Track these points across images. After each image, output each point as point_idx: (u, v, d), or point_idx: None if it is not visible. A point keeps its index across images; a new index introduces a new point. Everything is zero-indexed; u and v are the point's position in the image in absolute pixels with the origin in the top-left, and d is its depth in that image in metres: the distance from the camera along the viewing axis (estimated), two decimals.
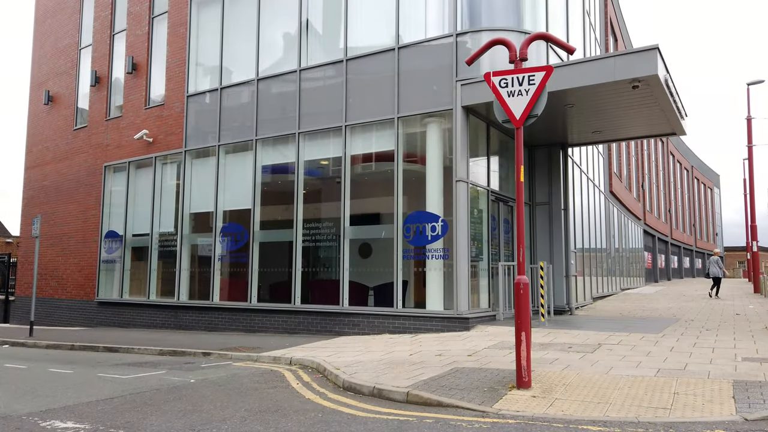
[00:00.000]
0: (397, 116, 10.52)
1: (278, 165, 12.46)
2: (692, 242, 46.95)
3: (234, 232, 12.68)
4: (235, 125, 12.88)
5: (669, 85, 9.13)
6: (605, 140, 13.36)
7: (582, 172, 15.20)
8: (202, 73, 13.89)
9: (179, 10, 14.34)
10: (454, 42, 10.08)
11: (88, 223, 16.14)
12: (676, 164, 41.10)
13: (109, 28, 16.40)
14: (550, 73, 5.20)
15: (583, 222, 15.11)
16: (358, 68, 11.14)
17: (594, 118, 10.94)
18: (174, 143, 14.05)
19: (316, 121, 11.57)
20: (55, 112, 17.98)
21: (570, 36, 12.99)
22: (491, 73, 5.44)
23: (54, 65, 18.27)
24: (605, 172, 19.49)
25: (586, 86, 8.85)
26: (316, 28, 12.13)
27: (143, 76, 15.14)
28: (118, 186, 15.62)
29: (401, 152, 10.55)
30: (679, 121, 10.47)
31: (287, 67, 12.16)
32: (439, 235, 9.91)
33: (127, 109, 15.45)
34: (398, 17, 10.76)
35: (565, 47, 5.66)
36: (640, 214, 28.25)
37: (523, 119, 5.29)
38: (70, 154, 17.12)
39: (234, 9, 13.39)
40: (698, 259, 50.06)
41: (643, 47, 8.39)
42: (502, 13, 10.52)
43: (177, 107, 14.06)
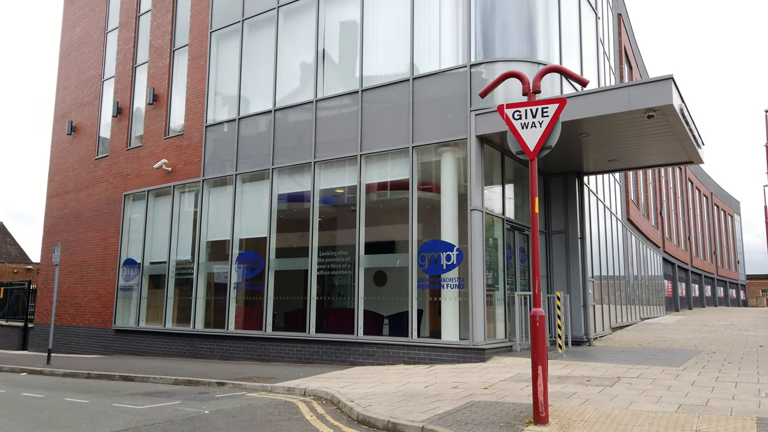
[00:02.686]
0: (411, 145, 10.60)
1: (294, 193, 12.57)
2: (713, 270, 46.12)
3: (250, 260, 12.75)
4: (253, 154, 13.06)
5: (685, 114, 9.11)
6: (621, 169, 13.30)
7: (598, 200, 15.10)
8: (221, 103, 14.16)
9: (199, 43, 14.70)
10: (468, 72, 10.18)
11: (107, 251, 16.35)
12: (694, 191, 40.65)
13: (131, 61, 16.85)
14: (563, 106, 5.23)
15: (600, 250, 14.95)
16: (374, 98, 11.28)
17: (609, 147, 10.92)
18: (192, 172, 14.26)
19: (331, 150, 11.69)
20: (77, 142, 18.40)
21: (584, 64, 13.06)
22: (505, 105, 5.48)
23: (77, 96, 18.76)
24: (622, 200, 19.34)
25: (600, 116, 8.86)
26: (332, 58, 12.35)
27: (163, 107, 15.47)
28: (137, 214, 15.84)
29: (416, 180, 10.60)
30: (696, 150, 10.40)
31: (304, 97, 12.36)
32: (454, 264, 9.87)
33: (147, 138, 15.76)
34: (413, 48, 10.92)
35: (578, 80, 5.69)
36: (659, 241, 27.88)
37: (537, 151, 5.30)
38: (91, 183, 17.45)
39: (252, 41, 13.70)
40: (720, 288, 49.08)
41: (658, 77, 8.41)
42: (516, 43, 10.63)
43: (196, 137, 14.31)
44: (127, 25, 17.20)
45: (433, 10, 10.95)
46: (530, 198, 5.28)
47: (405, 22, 11.07)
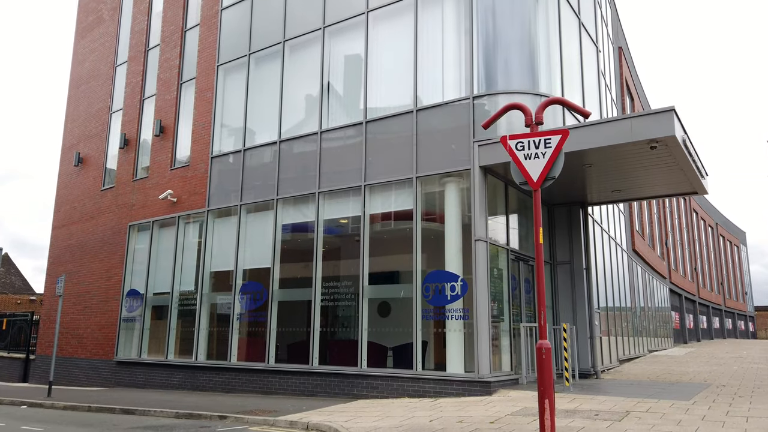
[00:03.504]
0: (415, 176, 10.65)
1: (298, 224, 12.59)
2: (721, 301, 45.63)
3: (253, 291, 12.70)
4: (257, 184, 13.14)
5: (687, 145, 9.15)
6: (626, 199, 13.31)
7: (603, 230, 15.07)
8: (227, 135, 14.32)
9: (207, 76, 14.95)
10: (471, 104, 10.29)
11: (111, 282, 16.33)
12: (699, 221, 40.54)
13: (139, 94, 17.12)
14: (566, 137, 5.27)
15: (606, 281, 14.85)
16: (378, 129, 11.39)
17: (613, 178, 10.94)
18: (197, 203, 14.34)
19: (336, 181, 11.75)
20: (84, 173, 18.57)
21: (586, 96, 13.19)
22: (507, 136, 5.53)
23: (86, 128, 19.01)
24: (627, 231, 19.29)
25: (603, 147, 8.90)
26: (337, 90, 12.52)
27: (170, 139, 15.65)
28: (141, 245, 15.87)
29: (420, 211, 10.61)
30: (700, 180, 10.41)
31: (309, 128, 12.49)
32: (458, 294, 9.80)
33: (154, 170, 15.90)
34: (416, 80, 11.07)
35: (580, 112, 5.74)
36: (665, 272, 27.68)
37: (540, 182, 5.32)
38: (96, 214, 17.54)
39: (259, 74, 13.92)
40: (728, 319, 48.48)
41: (660, 109, 8.48)
42: (518, 76, 10.76)
43: (201, 168, 14.43)
44: (136, 59, 17.54)
45: (436, 44, 11.14)
46: (534, 229, 5.28)
47: (408, 56, 11.25)
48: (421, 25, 11.24)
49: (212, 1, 15.31)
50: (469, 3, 10.70)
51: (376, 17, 11.94)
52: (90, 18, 20.16)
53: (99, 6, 19.82)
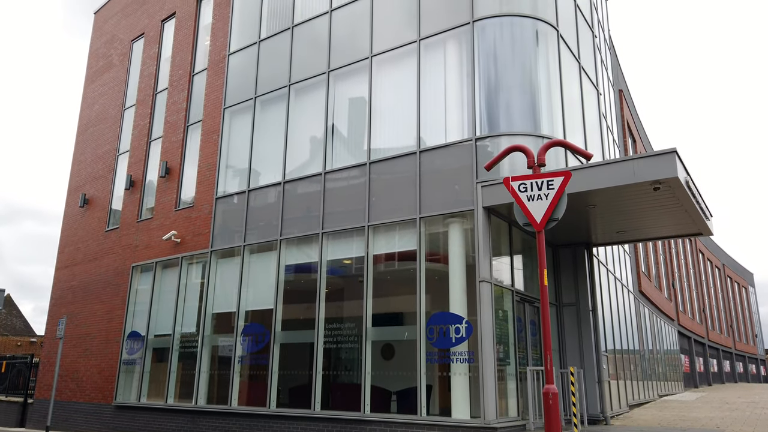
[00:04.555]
0: (419, 216, 10.65)
1: (301, 264, 12.54)
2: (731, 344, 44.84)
3: (255, 333, 12.56)
4: (261, 224, 13.16)
5: (690, 186, 9.15)
6: (631, 240, 13.24)
7: (609, 271, 14.94)
8: (232, 176, 14.43)
9: (213, 119, 15.18)
10: (474, 145, 10.37)
11: (112, 324, 16.19)
12: (706, 262, 40.24)
13: (146, 136, 17.37)
14: (568, 179, 5.28)
15: (613, 323, 14.63)
16: (381, 170, 11.46)
17: (617, 219, 10.92)
18: (201, 244, 14.33)
19: (339, 221, 11.76)
20: (89, 214, 18.67)
21: (587, 137, 13.30)
22: (510, 178, 5.54)
23: (92, 170, 19.22)
24: (633, 272, 19.12)
25: (606, 188, 8.91)
26: (341, 132, 12.66)
27: (175, 180, 15.78)
28: (144, 285, 15.80)
29: (423, 251, 10.57)
30: (705, 222, 10.37)
31: (313, 169, 12.58)
32: (463, 337, 9.65)
33: (158, 211, 15.97)
34: (419, 122, 11.19)
35: (582, 154, 5.77)
36: (673, 314, 27.31)
37: (543, 223, 5.30)
38: (100, 255, 17.54)
39: (264, 116, 14.13)
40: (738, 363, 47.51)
41: (662, 150, 8.51)
42: (520, 118, 10.88)
43: (206, 209, 14.49)
44: (144, 102, 17.86)
45: (439, 87, 11.31)
46: (539, 270, 5.22)
47: (411, 98, 11.42)
48: (424, 69, 11.46)
49: (220, 46, 15.69)
50: (471, 47, 10.92)
51: (379, 61, 12.18)
52: (100, 63, 20.65)
53: (110, 52, 20.33)
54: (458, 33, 11.23)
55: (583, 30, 14.19)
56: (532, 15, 11.15)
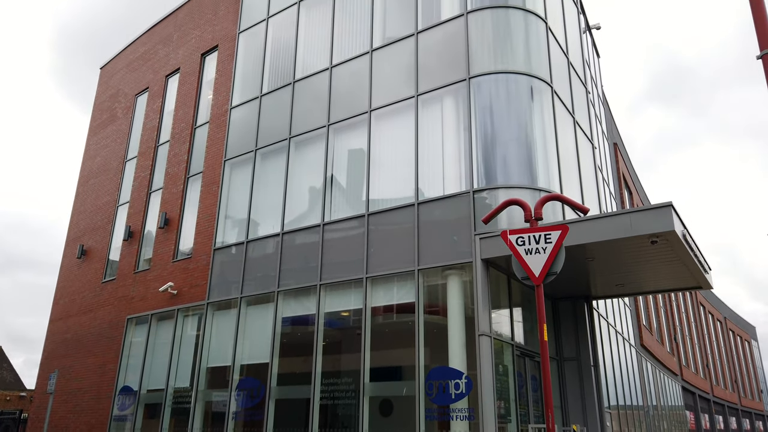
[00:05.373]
0: (417, 268, 10.61)
1: (299, 317, 12.40)
2: (736, 400, 43.85)
3: (250, 388, 12.28)
4: (259, 276, 13.08)
5: (688, 239, 9.17)
6: (630, 293, 13.16)
7: (610, 325, 14.78)
8: (230, 227, 14.46)
9: (213, 171, 15.35)
10: (472, 198, 10.45)
11: (104, 378, 15.84)
12: (707, 315, 39.86)
13: (146, 187, 17.51)
14: (565, 233, 5.30)
15: (615, 378, 14.35)
16: (380, 221, 11.50)
17: (616, 272, 10.88)
18: (197, 295, 14.21)
19: (337, 272, 11.70)
20: (86, 265, 18.59)
21: (584, 190, 13.42)
22: (508, 231, 5.56)
23: (91, 221, 19.26)
24: (634, 325, 18.91)
25: (604, 241, 8.92)
26: (340, 183, 12.78)
27: (174, 231, 15.80)
28: (138, 338, 15.56)
29: (422, 304, 10.47)
30: (704, 275, 10.34)
31: (312, 220, 12.62)
32: (463, 393, 9.44)
33: (156, 262, 15.91)
34: (417, 174, 11.32)
35: (578, 208, 5.82)
36: (676, 369, 26.83)
37: (542, 277, 5.28)
38: (95, 307, 17.35)
39: (264, 168, 14.29)
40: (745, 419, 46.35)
41: (658, 204, 8.58)
42: (516, 171, 11.01)
43: (203, 260, 14.45)
44: (146, 154, 18.09)
45: (436, 140, 11.50)
46: (539, 325, 5.17)
47: (409, 150, 11.58)
48: (422, 123, 11.68)
49: (222, 100, 16.04)
50: (467, 102, 11.17)
51: (378, 115, 12.43)
52: (104, 116, 21.04)
53: (114, 105, 20.75)
54: (455, 89, 11.51)
55: (577, 86, 14.56)
56: (526, 72, 11.46)
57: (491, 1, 11.79)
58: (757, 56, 6.94)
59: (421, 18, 12.50)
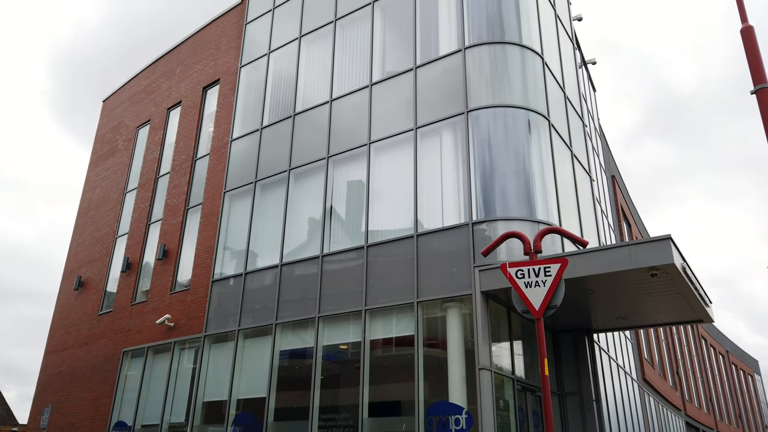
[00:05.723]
0: (416, 300, 10.54)
1: (296, 350, 12.26)
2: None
3: (246, 423, 12.06)
4: (257, 308, 12.99)
5: (687, 272, 9.15)
6: (631, 326, 13.06)
7: (611, 359, 14.61)
8: (229, 258, 14.42)
9: (213, 202, 15.39)
10: (471, 230, 10.46)
11: (98, 413, 15.57)
12: (709, 349, 39.46)
13: (146, 219, 17.51)
14: (565, 266, 5.29)
15: (618, 413, 14.12)
16: (379, 252, 11.48)
17: (617, 305, 10.82)
18: (195, 328, 14.07)
19: (336, 304, 11.62)
20: (83, 297, 18.46)
21: (582, 222, 13.44)
22: (507, 264, 5.55)
23: (89, 253, 19.21)
24: (636, 359, 18.71)
25: (603, 273, 8.90)
26: (339, 214, 12.80)
27: (172, 262, 15.74)
28: (133, 371, 15.35)
29: (422, 337, 10.37)
30: (704, 309, 10.28)
31: (310, 252, 12.59)
32: (463, 428, 9.27)
33: (153, 294, 15.81)
34: (416, 205, 11.35)
35: (577, 241, 5.82)
36: (680, 404, 26.42)
37: (542, 310, 5.25)
38: (90, 340, 17.16)
39: (264, 200, 14.33)
40: None
41: (657, 237, 8.59)
42: (515, 203, 11.04)
43: (201, 292, 14.36)
44: (146, 185, 18.16)
45: (435, 172, 11.57)
46: (539, 360, 5.12)
47: (408, 182, 11.65)
48: (421, 155, 11.77)
49: (223, 132, 16.19)
50: (466, 135, 11.28)
51: (377, 148, 12.53)
52: (106, 148, 21.19)
53: (115, 137, 20.93)
54: (453, 122, 11.64)
55: (574, 119, 14.73)
56: (523, 106, 11.60)
57: (488, 37, 12.02)
58: (751, 91, 7.05)
59: (420, 53, 12.72)
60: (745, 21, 7.47)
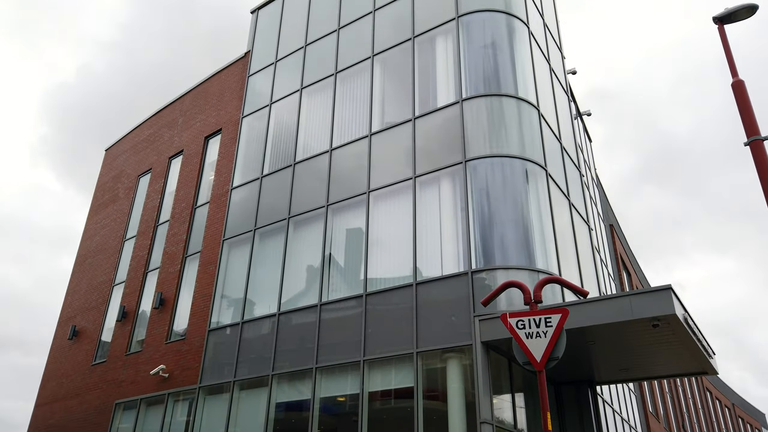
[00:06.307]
0: (416, 350, 10.38)
1: (293, 402, 11.97)
2: None
3: None
4: (253, 357, 12.76)
5: (690, 323, 9.06)
6: (634, 378, 12.81)
7: (615, 412, 14.27)
8: (226, 306, 14.27)
9: (212, 250, 15.35)
10: (470, 278, 10.41)
11: None
12: (715, 401, 38.60)
13: (143, 267, 17.43)
14: (566, 316, 5.24)
15: None
16: (378, 301, 11.38)
17: (619, 356, 10.66)
18: (189, 379, 13.79)
19: (334, 354, 11.43)
20: (77, 347, 18.16)
21: (582, 271, 13.39)
22: (507, 314, 5.50)
23: (85, 301, 19.02)
24: (640, 412, 18.27)
25: (605, 324, 8.81)
26: (338, 262, 12.76)
27: (169, 311, 15.57)
28: (126, 424, 14.93)
29: (421, 389, 10.16)
30: (708, 360, 10.12)
31: (309, 300, 12.48)
32: None
33: (148, 343, 15.56)
34: (415, 253, 11.33)
35: (578, 291, 5.79)
36: None
37: (543, 362, 5.17)
38: (83, 391, 16.78)
39: (262, 248, 14.31)
40: None
41: (657, 287, 8.55)
42: (514, 252, 11.03)
43: (197, 342, 14.14)
44: (145, 233, 18.16)
45: (434, 220, 11.61)
46: (542, 413, 5.00)
47: (407, 230, 11.66)
48: (420, 203, 11.84)
49: (224, 181, 16.32)
50: (464, 184, 11.38)
51: (377, 196, 12.61)
52: (106, 196, 21.31)
53: (116, 186, 21.07)
54: (452, 171, 11.76)
55: (570, 169, 14.90)
56: (520, 156, 11.76)
57: (485, 89, 12.30)
58: (744, 143, 7.17)
59: (418, 104, 12.98)
60: (736, 75, 7.67)
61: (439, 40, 13.42)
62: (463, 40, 12.85)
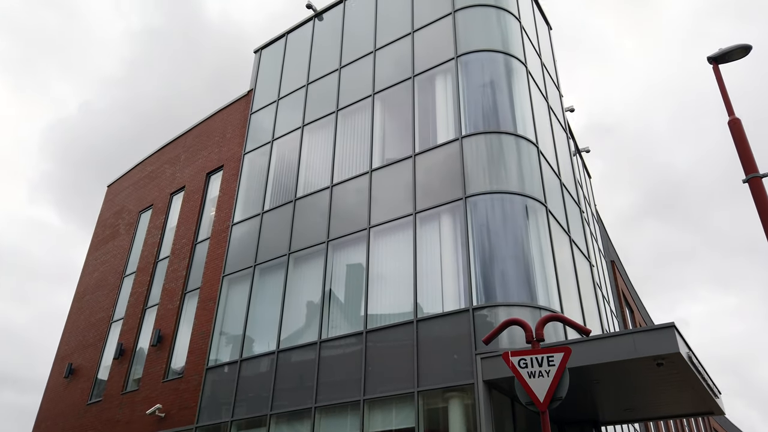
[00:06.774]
0: (417, 390, 10.21)
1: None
2: None
3: None
4: (251, 396, 12.54)
5: (694, 362, 8.93)
6: (640, 419, 12.56)
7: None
8: (225, 344, 14.10)
9: (211, 286, 15.27)
10: (471, 315, 10.32)
11: None
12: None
13: (142, 303, 17.31)
14: (568, 355, 5.17)
15: None
16: (378, 338, 11.25)
17: (623, 395, 10.47)
18: (186, 418, 13.52)
19: (333, 393, 11.23)
20: (72, 386, 17.88)
21: (584, 307, 13.28)
22: (509, 353, 5.42)
23: (83, 338, 18.81)
24: None
25: (608, 362, 8.68)
26: (338, 298, 12.66)
27: (167, 348, 15.38)
28: None
29: (422, 429, 9.94)
30: (714, 399, 9.94)
31: (308, 337, 12.34)
32: None
33: (145, 382, 15.33)
34: (416, 290, 11.25)
35: (580, 329, 5.73)
36: None
37: (547, 402, 5.07)
38: (77, 431, 16.43)
39: (262, 284, 14.23)
40: None
41: (661, 324, 8.46)
42: (516, 289, 10.96)
43: (195, 380, 13.92)
44: (145, 269, 18.10)
45: (435, 257, 11.58)
46: None
47: (408, 266, 11.61)
48: (420, 239, 11.82)
49: (224, 216, 16.35)
50: (464, 221, 11.39)
51: (377, 232, 12.61)
52: (107, 232, 21.32)
53: (117, 221, 21.11)
54: (452, 207, 11.79)
55: (570, 205, 14.94)
56: (520, 192, 11.80)
57: (484, 126, 12.44)
58: (743, 180, 7.20)
59: (419, 141, 13.11)
60: (732, 114, 7.76)
61: (439, 78, 13.64)
62: (463, 79, 13.07)
